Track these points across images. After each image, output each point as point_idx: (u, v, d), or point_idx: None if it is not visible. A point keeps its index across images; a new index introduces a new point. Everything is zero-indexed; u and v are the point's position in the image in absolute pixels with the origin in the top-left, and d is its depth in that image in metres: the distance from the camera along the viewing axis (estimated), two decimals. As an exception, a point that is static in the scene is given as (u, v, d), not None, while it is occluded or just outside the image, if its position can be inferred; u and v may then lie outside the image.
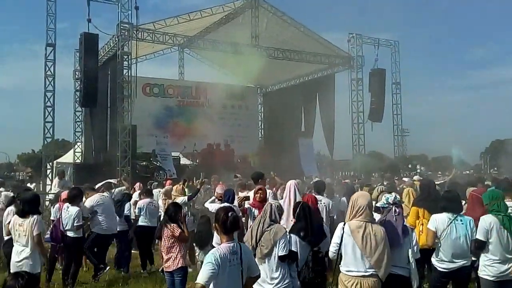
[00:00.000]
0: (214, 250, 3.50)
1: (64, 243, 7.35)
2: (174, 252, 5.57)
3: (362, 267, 4.09)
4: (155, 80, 23.36)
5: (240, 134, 25.69)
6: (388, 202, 4.67)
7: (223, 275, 3.35)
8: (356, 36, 21.71)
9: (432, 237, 5.00)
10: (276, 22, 20.60)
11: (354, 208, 4.26)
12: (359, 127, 21.72)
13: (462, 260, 4.88)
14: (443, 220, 4.96)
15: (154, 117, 23.44)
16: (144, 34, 17.51)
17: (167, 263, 5.57)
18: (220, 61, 26.15)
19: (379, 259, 4.06)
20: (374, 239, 4.10)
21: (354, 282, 4.09)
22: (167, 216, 5.69)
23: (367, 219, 4.20)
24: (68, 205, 7.31)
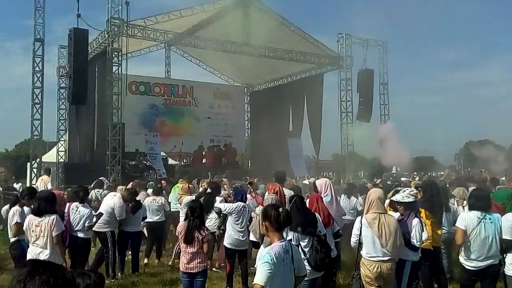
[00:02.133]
0: (268, 249, 3.36)
1: (72, 245, 7.06)
2: (200, 254, 5.44)
3: (381, 253, 4.75)
4: (141, 78, 22.96)
5: (226, 134, 25.57)
6: (413, 194, 5.14)
7: (278, 275, 3.26)
8: (345, 36, 21.86)
9: (462, 236, 4.98)
10: (266, 21, 20.49)
11: (368, 202, 4.97)
12: (347, 127, 21.87)
13: (490, 259, 4.90)
14: (472, 219, 4.95)
15: (140, 116, 23.08)
16: (135, 30, 17.12)
17: (191, 265, 5.42)
18: (208, 60, 25.96)
19: (393, 245, 4.71)
20: (388, 228, 4.73)
21: (375, 265, 4.77)
22: (198, 219, 5.48)
23: (380, 211, 4.84)
24: (78, 205, 7.03)
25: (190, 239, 5.39)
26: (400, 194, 5.25)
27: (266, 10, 20.40)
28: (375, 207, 4.87)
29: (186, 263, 5.43)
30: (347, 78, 21.94)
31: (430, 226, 5.66)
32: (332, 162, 29.51)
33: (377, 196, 4.98)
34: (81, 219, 6.92)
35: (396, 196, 5.24)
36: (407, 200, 5.07)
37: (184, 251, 5.48)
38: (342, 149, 22.18)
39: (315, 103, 23.08)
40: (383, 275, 4.77)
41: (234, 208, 6.83)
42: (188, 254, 5.42)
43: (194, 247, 5.40)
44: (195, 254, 5.41)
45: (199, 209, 5.59)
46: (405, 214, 5.05)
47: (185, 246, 5.45)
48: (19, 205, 6.56)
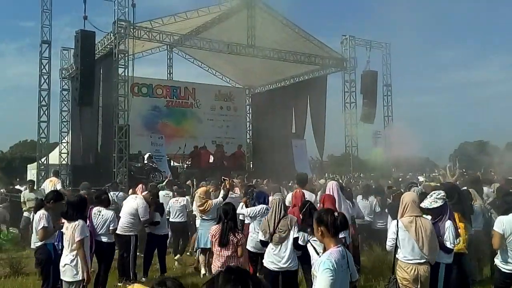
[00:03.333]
0: (328, 255, 3.34)
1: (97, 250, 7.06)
2: (234, 258, 5.49)
3: (418, 256, 4.82)
4: (143, 80, 22.89)
5: (228, 136, 25.62)
6: (444, 198, 5.21)
7: (337, 281, 3.25)
8: (349, 37, 21.99)
9: (499, 240, 5.04)
10: (270, 23, 20.58)
11: (402, 206, 5.01)
12: (351, 129, 21.99)
13: None
14: (510, 222, 5.01)
15: (143, 118, 23.04)
16: (141, 32, 17.12)
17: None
18: (209, 61, 25.99)
19: (431, 248, 4.80)
20: (425, 231, 4.80)
21: (412, 268, 4.84)
22: (232, 221, 5.52)
23: (415, 213, 4.90)
24: (100, 208, 7.05)
25: (225, 242, 5.42)
26: (427, 200, 5.28)
27: (271, 11, 20.46)
28: (410, 210, 4.93)
29: (220, 266, 5.42)
30: (351, 80, 22.08)
31: (464, 229, 5.67)
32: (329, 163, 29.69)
33: (412, 199, 5.05)
34: (105, 222, 6.94)
35: (424, 203, 5.27)
36: (434, 206, 5.13)
37: (218, 254, 5.50)
38: (346, 150, 22.28)
39: (319, 104, 23.18)
40: (420, 277, 4.82)
41: (258, 211, 6.86)
42: (222, 257, 5.45)
43: (229, 250, 5.44)
44: (230, 257, 5.44)
45: (232, 211, 5.62)
46: (437, 218, 5.11)
47: (219, 249, 5.47)
48: (44, 209, 6.57)
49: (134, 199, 7.87)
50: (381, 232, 8.50)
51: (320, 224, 3.50)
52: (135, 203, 7.72)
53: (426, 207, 5.16)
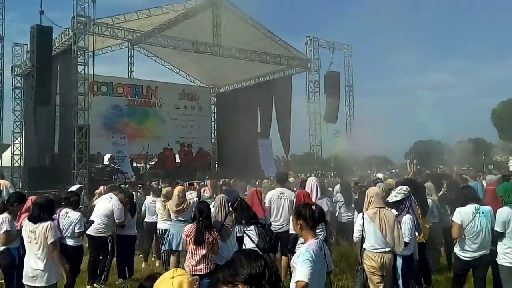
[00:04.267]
0: (307, 246, 3.45)
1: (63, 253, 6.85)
2: (209, 256, 5.47)
3: (383, 244, 5.15)
4: (103, 78, 22.30)
5: (193, 136, 25.42)
6: (408, 190, 5.53)
7: (316, 271, 3.36)
8: (313, 39, 22.34)
9: (458, 230, 5.30)
10: (236, 22, 20.61)
11: (367, 199, 5.35)
12: (315, 128, 22.38)
13: (483, 249, 5.26)
14: (467, 213, 5.28)
15: (102, 117, 22.47)
16: (102, 29, 16.70)
17: (199, 266, 5.43)
18: (173, 60, 25.70)
19: (394, 237, 5.12)
20: (388, 222, 5.15)
21: (378, 256, 5.17)
22: (207, 219, 5.46)
23: (379, 205, 5.25)
24: (68, 210, 6.83)
25: (201, 241, 5.39)
26: (391, 195, 5.66)
27: (236, 11, 20.49)
28: (374, 202, 5.28)
29: (195, 265, 5.42)
30: (315, 80, 22.45)
31: (423, 221, 5.95)
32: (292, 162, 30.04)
33: (375, 192, 5.44)
34: (71, 225, 6.75)
35: (389, 197, 5.65)
36: (394, 200, 5.49)
37: (193, 253, 5.45)
38: (311, 149, 22.64)
39: (284, 104, 23.40)
40: (385, 265, 5.19)
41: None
42: (197, 256, 5.41)
43: (204, 249, 5.40)
44: (205, 256, 5.42)
45: (207, 210, 5.57)
46: (398, 212, 5.43)
47: (194, 248, 5.43)
48: (7, 212, 6.30)
49: (108, 200, 7.68)
50: (347, 226, 8.73)
51: (299, 218, 3.59)
52: (110, 204, 7.55)
53: (388, 201, 5.55)
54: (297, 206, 3.98)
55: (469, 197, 5.46)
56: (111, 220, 7.47)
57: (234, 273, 1.74)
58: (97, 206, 7.72)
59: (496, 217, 5.13)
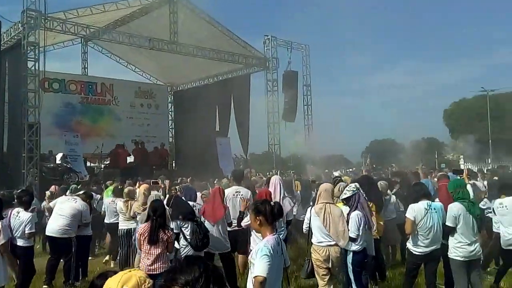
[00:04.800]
0: (265, 242, 3.54)
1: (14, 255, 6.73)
2: (163, 255, 5.49)
3: (328, 238, 5.40)
4: (55, 75, 21.67)
5: (149, 134, 25.14)
6: (357, 188, 5.75)
7: (274, 266, 3.45)
8: (271, 38, 22.63)
9: (411, 226, 5.50)
10: (193, 20, 20.59)
11: (318, 195, 5.66)
12: (274, 127, 22.71)
13: (435, 244, 5.49)
14: (420, 209, 5.49)
15: (54, 115, 21.83)
16: (54, 24, 16.28)
17: (154, 266, 5.44)
18: (128, 57, 25.32)
19: (337, 232, 5.36)
20: (332, 217, 5.39)
21: (323, 250, 5.41)
22: (161, 218, 5.46)
23: (326, 201, 5.51)
24: (19, 210, 6.73)
25: (155, 240, 5.37)
26: (343, 192, 5.90)
27: (193, 8, 20.47)
28: (322, 197, 5.54)
29: (149, 265, 5.40)
30: (273, 79, 22.77)
31: (376, 217, 6.23)
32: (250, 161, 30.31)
33: (324, 188, 5.69)
34: (21, 225, 6.64)
35: (341, 195, 5.91)
36: (344, 197, 5.73)
37: (147, 253, 5.44)
38: (269, 148, 22.94)
39: (242, 103, 23.55)
40: (331, 258, 5.40)
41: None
42: (151, 255, 5.40)
43: (158, 248, 5.40)
44: (159, 255, 5.41)
45: (162, 208, 5.56)
46: (349, 208, 5.65)
47: (149, 247, 5.42)
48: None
49: (73, 200, 7.60)
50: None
51: (258, 214, 3.67)
52: (77, 204, 7.48)
53: (341, 198, 5.84)
54: (255, 203, 4.04)
55: (421, 194, 5.65)
56: (76, 221, 7.42)
57: (172, 278, 1.83)
58: (60, 207, 7.56)
59: (447, 213, 5.36)
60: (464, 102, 45.12)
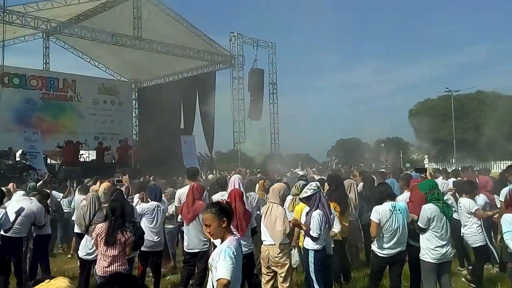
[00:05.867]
0: (228, 244, 3.48)
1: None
2: (121, 257, 5.42)
3: (268, 238, 5.51)
4: (15, 70, 21.50)
5: (112, 131, 25.15)
6: (318, 186, 5.70)
7: (237, 267, 3.44)
8: (237, 35, 23.07)
9: (376, 228, 5.43)
10: (158, 15, 20.81)
11: (270, 193, 5.76)
12: (239, 125, 23.14)
13: (400, 246, 5.45)
14: (385, 211, 5.42)
15: (14, 111, 21.69)
16: (13, 17, 16.25)
17: (111, 268, 5.34)
18: (91, 52, 25.26)
19: (273, 232, 5.46)
20: (270, 217, 5.49)
21: (265, 249, 5.56)
22: (120, 219, 5.39)
23: (272, 200, 5.62)
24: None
25: (112, 241, 5.25)
26: (302, 191, 5.81)
27: (158, 4, 20.68)
28: (270, 197, 5.72)
29: (106, 267, 5.29)
30: (239, 77, 23.22)
31: (339, 217, 6.14)
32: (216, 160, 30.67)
33: (272, 188, 5.84)
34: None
35: (301, 194, 5.81)
36: (304, 195, 5.60)
37: (104, 254, 5.34)
38: (235, 147, 23.34)
39: (208, 100, 23.80)
40: (270, 257, 5.48)
41: (146, 209, 6.70)
42: (108, 257, 5.30)
43: (115, 250, 5.29)
44: (116, 257, 5.32)
45: (121, 209, 5.44)
46: (310, 207, 5.51)
47: (105, 248, 5.31)
48: None
49: (29, 201, 7.36)
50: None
51: (223, 215, 3.55)
52: (32, 205, 7.19)
53: (301, 197, 5.75)
54: (215, 204, 3.83)
55: (385, 194, 5.60)
56: (30, 221, 7.29)
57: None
58: (15, 205, 7.32)
59: (421, 213, 5.31)
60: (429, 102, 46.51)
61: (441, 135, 42.41)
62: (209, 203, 4.16)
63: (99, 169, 18.97)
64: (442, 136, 42.28)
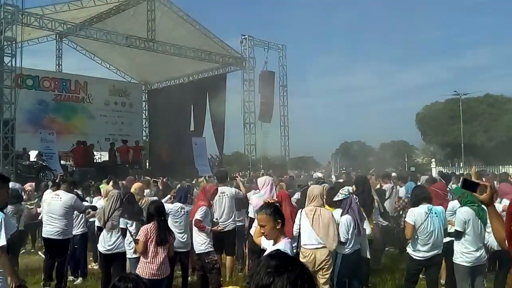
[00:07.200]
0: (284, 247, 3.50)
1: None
2: (167, 260, 5.49)
3: (315, 241, 5.38)
4: (28, 71, 21.91)
5: (123, 133, 25.55)
6: (350, 192, 5.88)
7: None
8: (248, 37, 23.46)
9: (411, 230, 5.48)
10: (170, 18, 21.24)
11: (309, 196, 5.59)
12: (250, 127, 23.50)
13: (436, 249, 5.49)
14: (420, 214, 5.47)
15: (27, 112, 22.07)
16: (31, 19, 16.69)
17: (159, 271, 5.35)
18: (103, 54, 25.72)
19: (326, 235, 5.37)
20: (322, 220, 5.39)
21: (310, 253, 5.40)
22: (165, 219, 5.54)
23: (318, 204, 5.51)
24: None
25: (165, 241, 5.32)
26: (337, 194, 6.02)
27: (171, 6, 21.11)
28: (315, 201, 5.51)
29: (156, 269, 5.26)
30: (250, 79, 23.58)
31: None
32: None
33: (319, 193, 5.64)
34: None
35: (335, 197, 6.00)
36: (336, 199, 5.80)
37: (154, 256, 5.30)
38: (245, 149, 23.70)
39: (218, 102, 24.13)
40: (316, 261, 5.38)
41: (170, 209, 6.70)
42: (159, 257, 5.30)
43: (166, 250, 5.36)
44: (166, 257, 5.38)
45: (164, 209, 5.66)
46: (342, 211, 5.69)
47: (156, 249, 5.30)
48: None
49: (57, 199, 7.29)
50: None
51: (279, 217, 3.65)
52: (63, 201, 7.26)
53: (334, 199, 5.86)
54: (274, 206, 3.91)
55: (422, 197, 5.60)
56: (72, 216, 7.45)
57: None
58: (49, 209, 7.34)
59: (456, 216, 5.37)
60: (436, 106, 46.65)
61: (448, 138, 42.55)
62: (264, 204, 4.06)
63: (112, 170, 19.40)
64: (449, 140, 42.41)
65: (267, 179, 7.04)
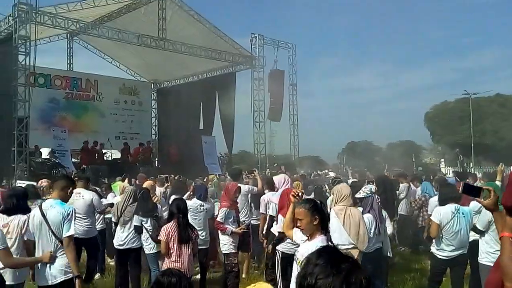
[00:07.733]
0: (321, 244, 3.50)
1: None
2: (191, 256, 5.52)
3: (346, 241, 5.24)
4: (40, 69, 22.06)
5: (133, 131, 25.85)
6: (372, 191, 5.87)
7: None
8: (258, 36, 23.56)
9: (436, 229, 5.50)
10: (181, 16, 21.40)
11: (339, 196, 5.42)
12: (260, 126, 23.61)
13: (461, 249, 5.48)
14: (447, 213, 5.47)
15: (38, 110, 22.32)
16: (44, 18, 16.92)
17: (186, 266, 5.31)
18: (113, 53, 25.93)
19: (357, 235, 5.27)
20: (353, 219, 5.27)
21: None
22: (186, 216, 5.52)
23: (348, 204, 5.37)
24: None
25: (186, 238, 5.30)
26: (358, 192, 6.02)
27: (182, 5, 21.27)
28: (345, 200, 5.33)
29: (181, 266, 5.19)
30: (259, 78, 23.70)
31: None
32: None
33: (349, 192, 5.45)
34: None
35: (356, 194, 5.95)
36: (358, 196, 5.71)
37: (177, 254, 5.29)
38: (255, 148, 23.82)
39: (228, 101, 24.34)
40: None
41: (189, 206, 6.64)
42: (183, 256, 5.30)
43: (189, 248, 5.35)
44: (190, 255, 5.38)
45: (185, 207, 5.61)
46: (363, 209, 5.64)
47: (179, 246, 5.28)
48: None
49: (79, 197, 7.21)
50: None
51: (316, 213, 3.70)
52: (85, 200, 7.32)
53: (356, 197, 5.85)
54: (312, 201, 3.92)
55: (450, 197, 5.61)
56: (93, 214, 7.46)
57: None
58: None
59: (481, 215, 5.26)
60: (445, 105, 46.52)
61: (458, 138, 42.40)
62: (305, 199, 4.11)
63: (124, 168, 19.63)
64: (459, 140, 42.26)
65: (286, 177, 7.03)
